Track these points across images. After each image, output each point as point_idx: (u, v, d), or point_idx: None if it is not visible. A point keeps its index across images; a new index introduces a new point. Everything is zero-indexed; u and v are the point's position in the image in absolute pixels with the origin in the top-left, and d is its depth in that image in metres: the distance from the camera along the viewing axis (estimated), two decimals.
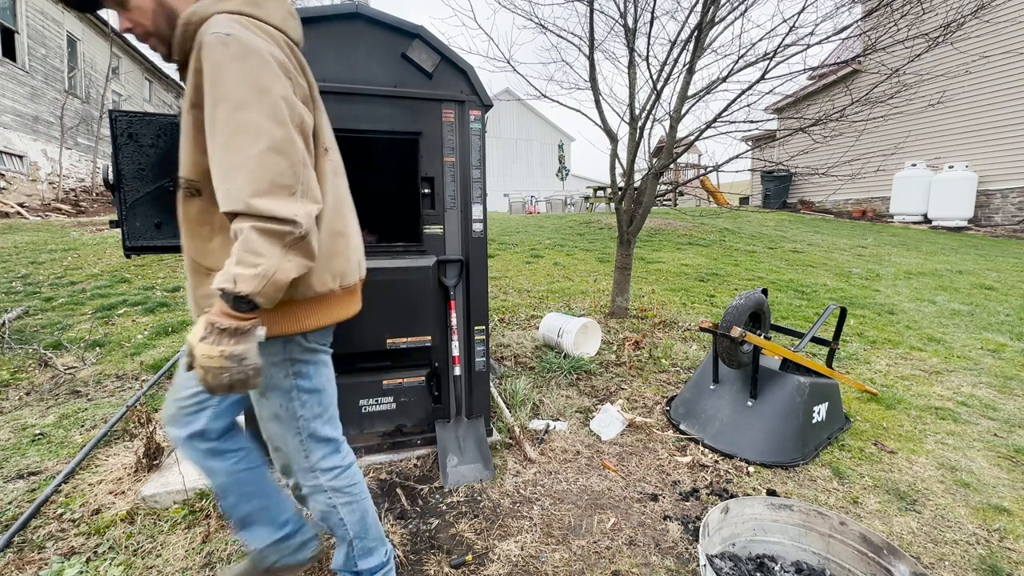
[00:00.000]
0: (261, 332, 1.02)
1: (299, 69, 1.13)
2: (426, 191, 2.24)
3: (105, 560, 1.67)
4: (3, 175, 10.29)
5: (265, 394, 1.24)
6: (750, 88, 3.79)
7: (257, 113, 0.97)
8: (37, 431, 2.50)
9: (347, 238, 1.27)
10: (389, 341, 2.16)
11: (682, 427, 2.66)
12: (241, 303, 0.95)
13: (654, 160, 4.34)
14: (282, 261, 0.98)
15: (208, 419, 1.30)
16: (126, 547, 1.73)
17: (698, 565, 1.68)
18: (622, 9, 4.07)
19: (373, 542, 1.45)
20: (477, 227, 2.33)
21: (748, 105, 3.94)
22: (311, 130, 1.13)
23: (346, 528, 1.40)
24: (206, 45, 0.98)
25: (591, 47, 4.19)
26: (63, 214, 10.37)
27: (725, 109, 3.92)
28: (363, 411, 2.24)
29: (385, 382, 2.25)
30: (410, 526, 1.90)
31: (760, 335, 2.61)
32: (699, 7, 3.72)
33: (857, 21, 3.92)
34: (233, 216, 0.98)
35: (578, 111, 4.45)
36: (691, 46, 3.85)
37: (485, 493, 2.11)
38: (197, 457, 1.32)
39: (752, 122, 4.04)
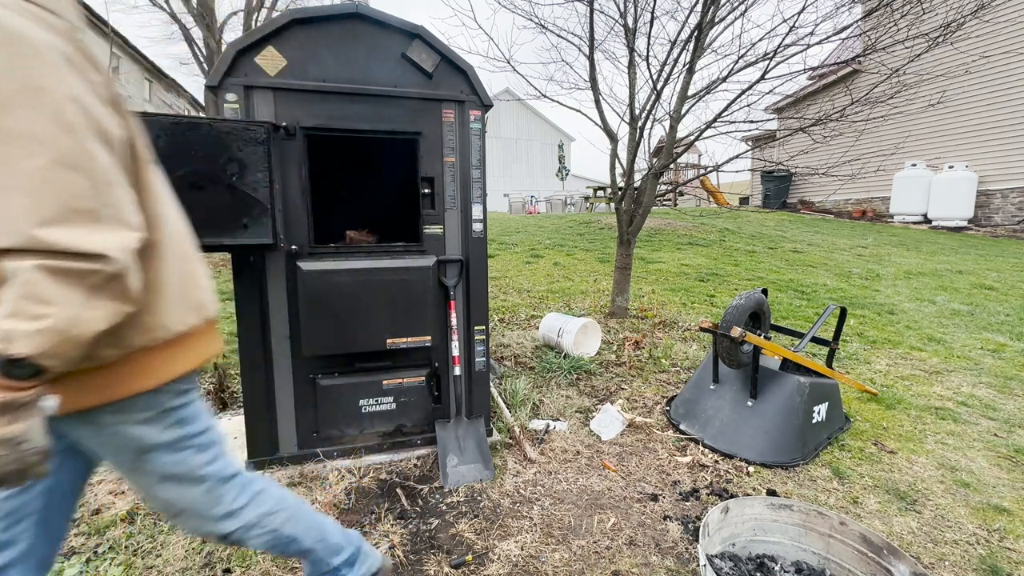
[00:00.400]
0: (50, 404, 0.78)
1: (91, 63, 0.86)
2: (426, 191, 2.24)
3: (105, 560, 1.67)
4: None
5: (144, 459, 1.01)
6: (750, 88, 3.80)
7: (31, 117, 0.75)
8: None
9: (197, 262, 1.08)
10: (389, 341, 2.16)
11: (682, 427, 2.66)
12: (18, 368, 0.73)
13: (654, 160, 4.34)
14: (82, 310, 0.76)
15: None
16: (126, 547, 1.73)
17: (698, 565, 1.68)
18: (622, 9, 4.07)
19: (337, 538, 1.36)
20: (477, 227, 2.33)
21: (748, 105, 3.94)
22: (121, 138, 0.89)
23: (300, 541, 1.29)
24: None
25: (591, 47, 4.19)
26: None
27: (725, 109, 3.92)
28: (363, 411, 2.24)
29: (385, 382, 2.26)
30: (410, 526, 1.90)
31: (760, 335, 2.61)
32: (699, 7, 3.72)
33: (857, 21, 3.92)
34: (5, 252, 0.73)
35: (578, 111, 4.45)
36: (691, 46, 3.85)
37: (485, 493, 2.11)
38: None
39: (752, 122, 4.04)
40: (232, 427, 2.51)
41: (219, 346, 1.18)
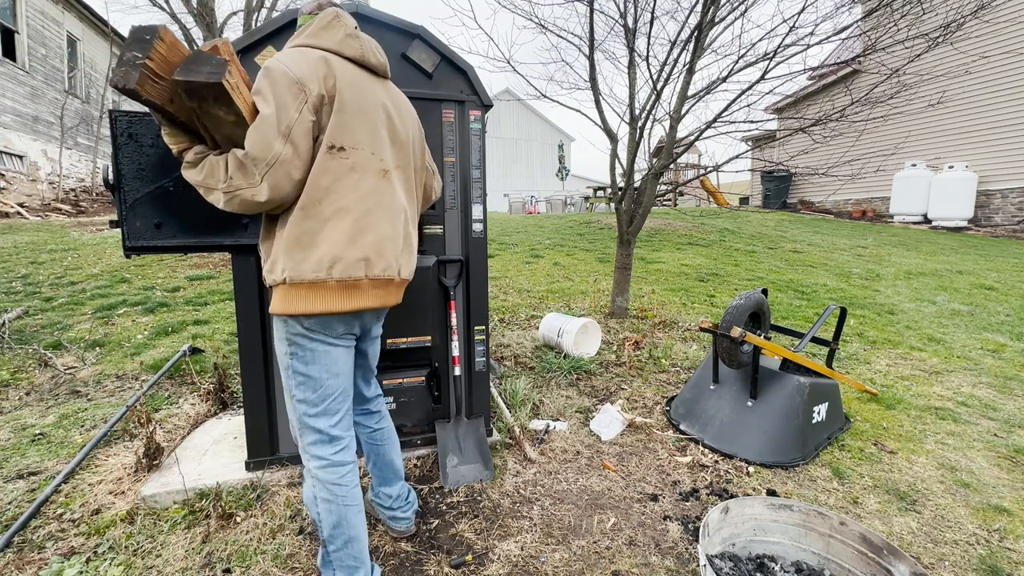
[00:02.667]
0: None
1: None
2: None
3: (105, 560, 1.67)
4: (3, 175, 10.29)
5: (279, 361, 1.41)
6: (750, 88, 3.79)
7: None
8: (37, 431, 2.50)
9: (339, 231, 1.31)
10: (389, 341, 2.16)
11: (682, 427, 2.66)
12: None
13: (654, 160, 4.34)
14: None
15: None
16: (126, 547, 1.73)
17: (698, 565, 1.68)
18: (622, 9, 4.07)
19: (350, 559, 1.44)
20: (477, 227, 2.33)
21: (748, 105, 3.94)
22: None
23: (321, 526, 1.43)
24: None
25: (591, 47, 4.19)
26: (63, 214, 10.37)
27: (725, 109, 3.92)
28: None
29: (385, 382, 2.25)
30: None
31: (760, 335, 2.61)
32: (699, 7, 3.72)
33: (857, 21, 3.91)
34: None
35: (578, 111, 4.45)
36: (691, 46, 3.85)
37: (485, 493, 2.11)
38: None
39: (752, 122, 4.04)
40: (232, 427, 2.52)
41: (361, 302, 1.37)
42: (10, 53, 10.86)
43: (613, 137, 4.39)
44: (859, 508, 2.06)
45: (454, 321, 2.30)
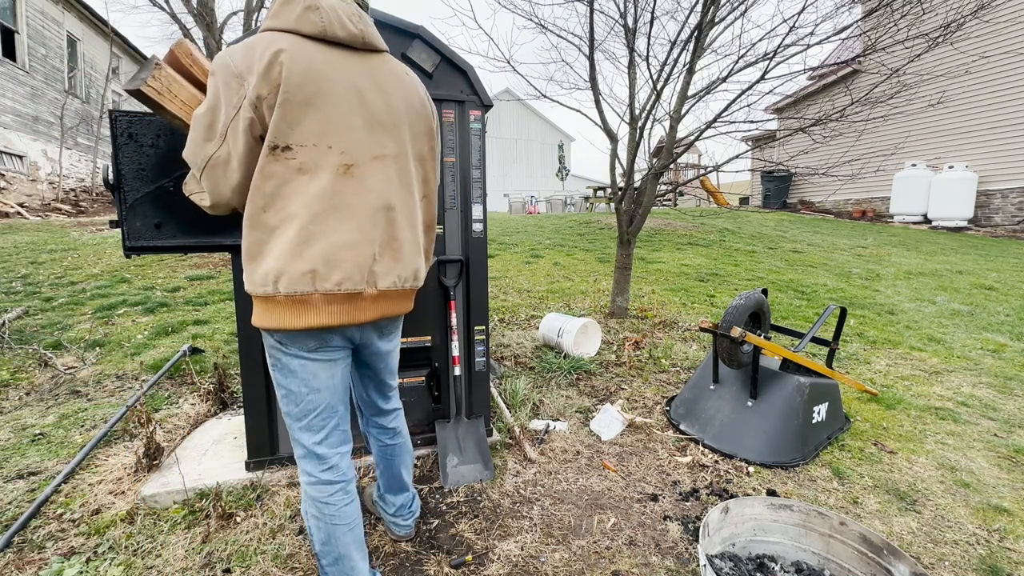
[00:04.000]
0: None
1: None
2: None
3: (105, 560, 1.67)
4: (3, 175, 10.29)
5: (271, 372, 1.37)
6: (750, 88, 3.79)
7: None
8: (37, 431, 2.50)
9: (284, 241, 1.17)
10: None
11: (682, 427, 2.66)
12: None
13: (654, 160, 4.34)
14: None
15: None
16: (126, 547, 1.73)
17: (698, 565, 1.68)
18: (622, 9, 4.07)
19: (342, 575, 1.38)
20: (477, 227, 2.33)
21: (748, 105, 3.93)
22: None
23: (313, 540, 1.39)
24: None
25: (591, 47, 4.19)
26: (63, 214, 10.37)
27: (725, 109, 3.92)
28: None
29: None
30: None
31: (760, 335, 2.61)
32: (699, 7, 3.72)
33: (857, 21, 3.91)
34: None
35: (578, 111, 4.45)
36: (691, 46, 3.85)
37: (485, 493, 2.11)
38: None
39: (752, 122, 4.04)
40: (232, 427, 2.52)
41: (317, 319, 1.23)
42: (10, 53, 10.87)
43: (613, 137, 4.39)
44: (859, 508, 2.06)
45: (454, 321, 2.30)
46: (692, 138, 4.27)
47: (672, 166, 5.65)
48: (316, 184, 1.18)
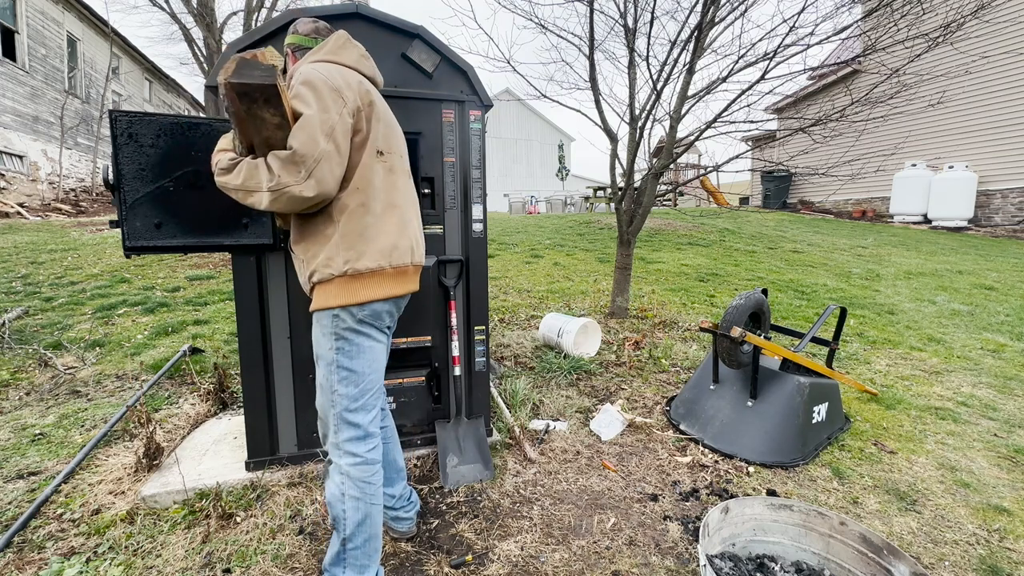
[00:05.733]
0: None
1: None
2: (426, 191, 2.24)
3: (105, 560, 1.67)
4: (3, 175, 10.28)
5: (317, 362, 1.48)
6: (750, 88, 3.79)
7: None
8: (37, 431, 2.50)
9: (392, 224, 1.47)
10: None
11: (682, 427, 2.66)
12: None
13: (654, 160, 4.34)
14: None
15: None
16: (126, 547, 1.73)
17: (698, 565, 1.68)
18: (622, 9, 4.07)
19: (365, 558, 1.47)
20: (477, 227, 2.33)
21: (748, 105, 3.93)
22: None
23: (345, 524, 1.44)
24: None
25: (591, 47, 4.19)
26: (63, 214, 10.37)
27: (725, 109, 3.92)
28: None
29: (385, 382, 2.25)
30: None
31: (760, 335, 2.61)
32: (699, 7, 3.72)
33: (857, 21, 3.91)
34: None
35: (578, 111, 4.45)
36: (691, 46, 3.85)
37: (485, 493, 2.11)
38: None
39: (752, 122, 4.04)
40: (232, 427, 2.52)
41: (395, 289, 1.48)
42: (10, 53, 10.87)
43: (613, 137, 4.39)
44: (859, 508, 2.06)
45: (454, 321, 2.30)
46: (692, 138, 4.27)
47: (672, 166, 5.65)
48: (401, 183, 1.54)
